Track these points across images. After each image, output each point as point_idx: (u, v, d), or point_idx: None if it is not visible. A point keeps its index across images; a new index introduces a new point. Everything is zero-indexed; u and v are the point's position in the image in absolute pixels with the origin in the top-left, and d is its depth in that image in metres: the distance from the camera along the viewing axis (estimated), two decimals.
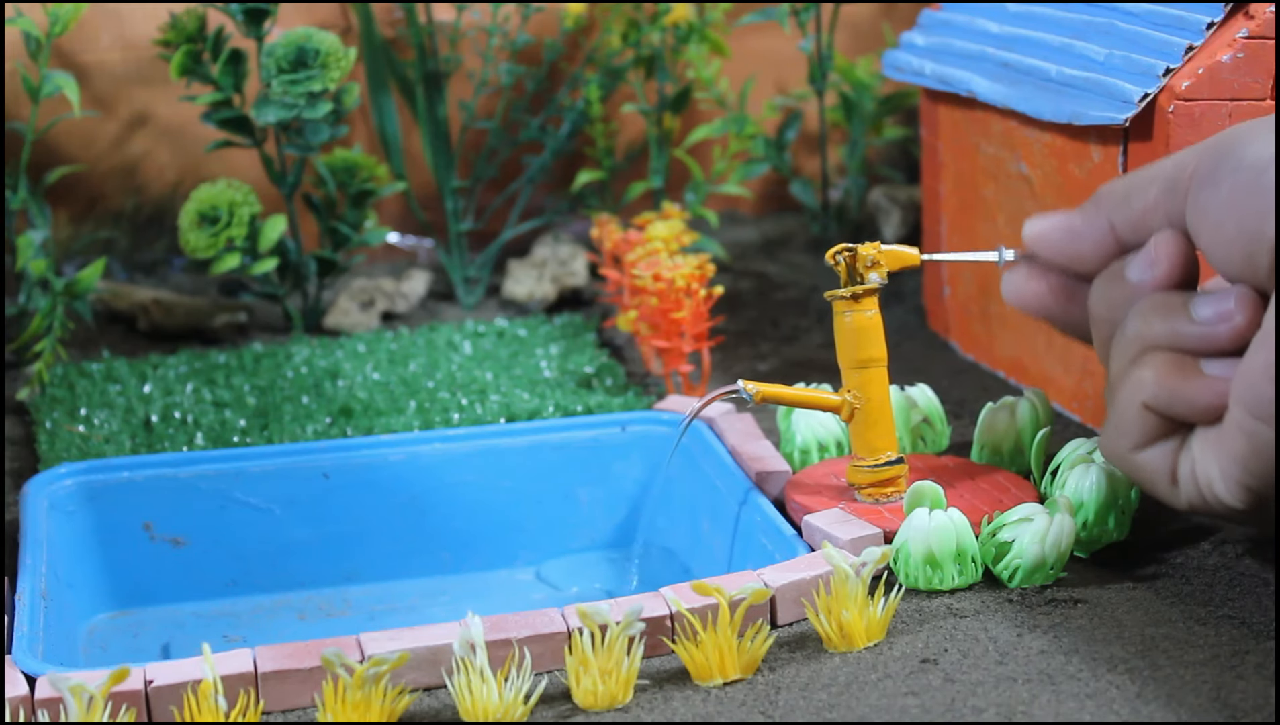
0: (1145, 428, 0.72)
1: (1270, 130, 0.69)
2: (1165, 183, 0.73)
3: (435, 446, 0.92)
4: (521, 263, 1.24)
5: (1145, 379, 0.72)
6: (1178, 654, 0.71)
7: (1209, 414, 0.71)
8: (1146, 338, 0.72)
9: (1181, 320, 0.71)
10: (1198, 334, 0.71)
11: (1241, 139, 0.70)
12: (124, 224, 1.26)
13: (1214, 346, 0.71)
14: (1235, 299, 0.70)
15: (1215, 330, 0.70)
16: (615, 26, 1.23)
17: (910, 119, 1.34)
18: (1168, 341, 0.72)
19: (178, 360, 1.09)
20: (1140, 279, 0.74)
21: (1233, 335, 0.70)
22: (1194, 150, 0.72)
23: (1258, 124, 0.70)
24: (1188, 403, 0.71)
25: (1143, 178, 0.75)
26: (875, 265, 0.81)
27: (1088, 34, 0.93)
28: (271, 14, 1.11)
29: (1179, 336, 0.71)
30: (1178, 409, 0.71)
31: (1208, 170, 0.71)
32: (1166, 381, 0.71)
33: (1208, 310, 0.71)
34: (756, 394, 0.81)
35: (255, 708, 0.69)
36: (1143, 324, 0.72)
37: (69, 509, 0.88)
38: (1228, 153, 0.70)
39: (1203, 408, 0.71)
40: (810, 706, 0.68)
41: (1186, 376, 0.71)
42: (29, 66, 1.12)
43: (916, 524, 0.77)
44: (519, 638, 0.71)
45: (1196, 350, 0.71)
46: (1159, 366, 0.71)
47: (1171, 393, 0.71)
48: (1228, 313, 0.70)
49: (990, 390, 1.01)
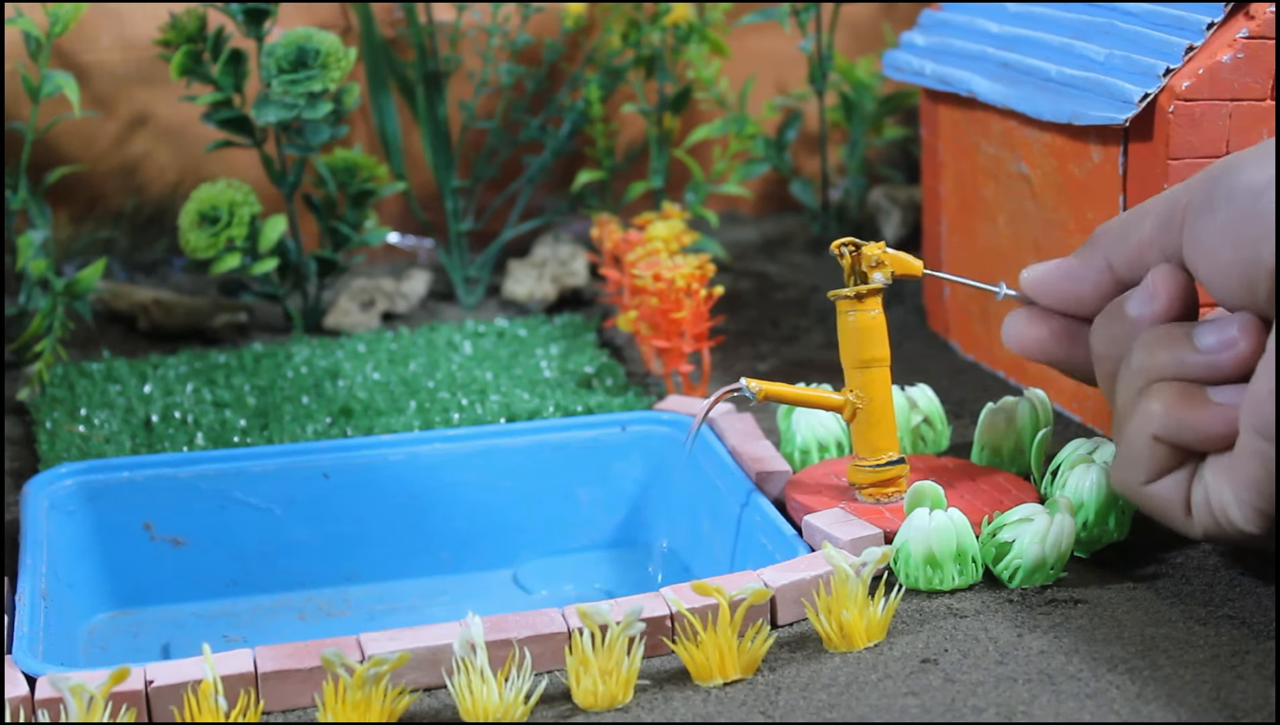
0: (1156, 459, 0.72)
1: (1262, 159, 0.69)
2: (1160, 218, 0.74)
3: (435, 446, 0.92)
4: (522, 263, 1.24)
5: (1153, 410, 0.72)
6: (1178, 654, 0.71)
7: (1219, 442, 0.71)
8: (1152, 370, 0.72)
9: (1186, 350, 0.71)
10: (1203, 362, 0.71)
11: (1233, 168, 0.70)
12: (124, 224, 1.26)
13: (1220, 374, 0.71)
14: (1238, 325, 0.70)
15: (1220, 358, 0.71)
16: (615, 26, 1.23)
17: (910, 119, 1.34)
18: (1173, 372, 0.72)
19: (178, 360, 1.09)
20: (1140, 313, 0.74)
21: (1237, 361, 0.70)
22: (1186, 184, 0.73)
23: (1249, 153, 0.71)
24: (1197, 431, 0.71)
25: (1137, 215, 0.75)
26: (880, 265, 0.81)
27: (1088, 34, 0.93)
28: (271, 14, 1.11)
29: (1184, 366, 0.71)
30: (1187, 438, 0.71)
31: (1201, 201, 0.71)
32: (1175, 412, 0.71)
33: (1211, 338, 0.71)
34: (759, 392, 0.81)
35: (255, 708, 0.69)
36: (1147, 356, 0.72)
37: (69, 509, 0.88)
38: (1220, 182, 0.70)
39: (1212, 435, 0.71)
40: (810, 706, 0.68)
41: (1194, 405, 0.71)
42: (29, 66, 1.12)
43: (917, 524, 0.77)
44: (519, 638, 0.71)
45: (1203, 379, 0.71)
46: (1166, 397, 0.71)
47: (1180, 422, 0.71)
48: (1231, 339, 0.70)
49: (990, 390, 1.01)
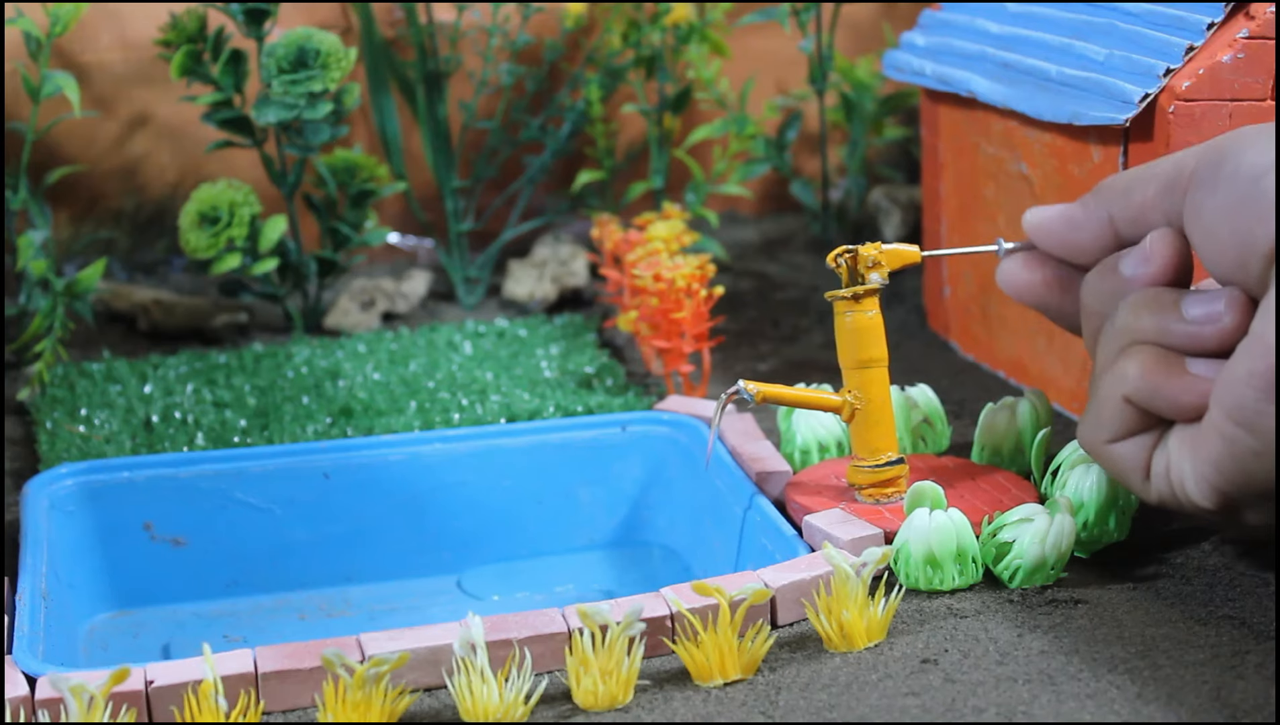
0: (1124, 420, 0.73)
1: (1270, 137, 0.69)
2: (1164, 181, 0.74)
3: (435, 446, 0.92)
4: (522, 263, 1.24)
5: (1129, 372, 0.72)
6: (1178, 654, 0.71)
7: (1189, 412, 0.71)
8: (1135, 331, 0.72)
9: (1171, 317, 0.72)
10: (1186, 332, 0.71)
11: (1240, 144, 0.70)
12: (124, 224, 1.26)
13: (1200, 346, 0.71)
14: (1225, 301, 0.70)
15: (1203, 330, 0.71)
16: (615, 26, 1.23)
17: (910, 119, 1.34)
18: (1155, 337, 0.72)
19: (178, 360, 1.09)
20: (1133, 273, 0.74)
21: (1220, 337, 0.70)
22: (1194, 151, 0.73)
23: (1258, 130, 0.71)
24: (1169, 400, 0.71)
25: (1143, 174, 0.75)
26: (876, 266, 0.81)
27: (1088, 34, 0.93)
28: (272, 14, 1.11)
29: (1167, 333, 0.72)
30: (1158, 405, 0.72)
31: (1206, 173, 0.71)
32: (1150, 377, 0.71)
33: (1197, 310, 0.71)
34: (757, 394, 0.81)
35: (255, 708, 0.69)
36: (1132, 317, 0.73)
37: (69, 509, 0.88)
38: (1226, 157, 0.70)
39: (1183, 406, 0.71)
40: (810, 707, 0.68)
41: (1170, 373, 0.71)
42: (29, 66, 1.12)
43: (917, 524, 0.77)
44: (519, 638, 0.71)
45: (1183, 348, 0.71)
46: (1144, 361, 0.72)
47: (1154, 388, 0.71)
48: (1217, 314, 0.70)
49: (990, 390, 1.01)
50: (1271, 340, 0.66)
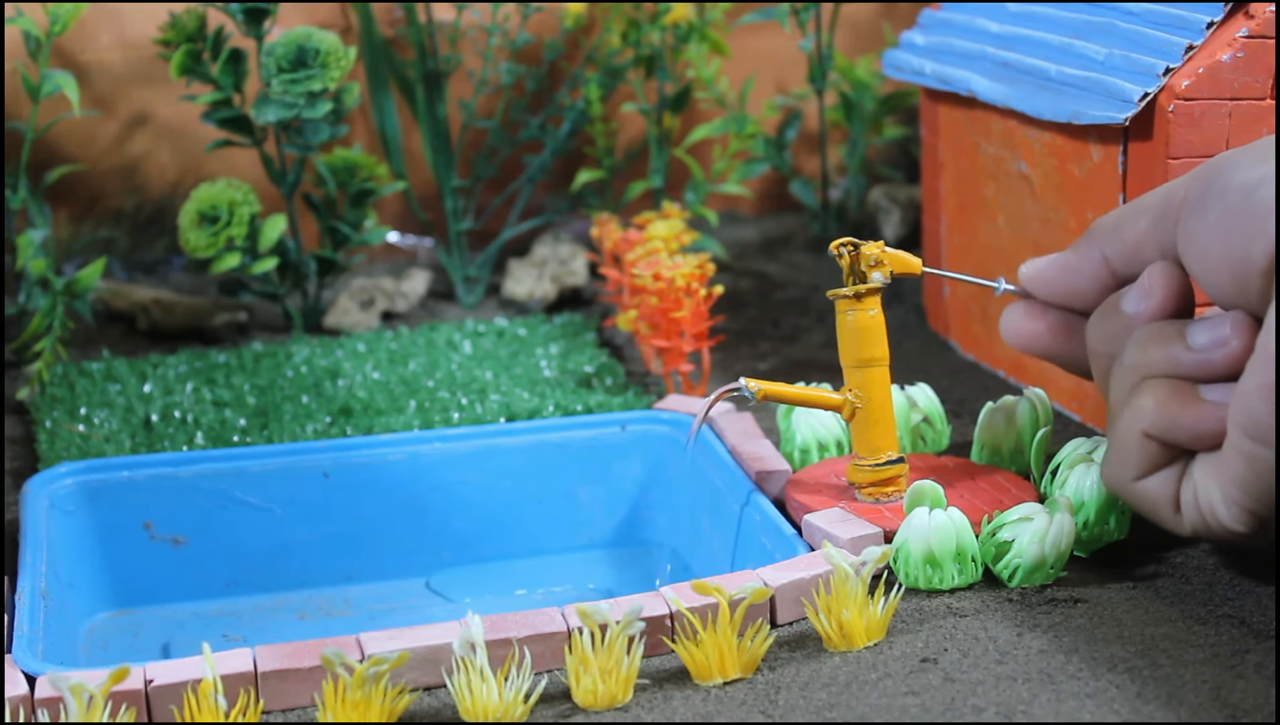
0: (1147, 456, 0.73)
1: (1256, 156, 0.69)
2: (1156, 213, 0.74)
3: (435, 446, 0.92)
4: (521, 262, 1.24)
5: (1145, 407, 0.72)
6: (1178, 654, 0.71)
7: (1209, 440, 0.71)
8: (1144, 367, 0.72)
9: (1178, 348, 0.72)
10: (1195, 361, 0.71)
11: (1227, 165, 0.70)
12: (124, 223, 1.26)
13: (1211, 372, 0.71)
14: (1231, 324, 0.70)
15: (1212, 356, 0.71)
16: (615, 26, 1.23)
17: (910, 119, 1.34)
18: (1166, 369, 0.72)
19: (178, 360, 1.09)
20: (1136, 310, 0.74)
21: (1229, 360, 0.70)
22: (1182, 180, 0.73)
23: (1244, 150, 0.71)
24: (1187, 429, 0.71)
25: (1133, 210, 0.75)
26: (878, 265, 0.81)
27: (1087, 33, 0.93)
28: (271, 13, 1.11)
29: (1177, 364, 0.72)
30: (1178, 436, 0.71)
31: (1195, 198, 0.71)
32: (1166, 409, 0.71)
33: (1204, 337, 0.71)
34: (758, 392, 0.81)
35: (255, 707, 0.69)
36: (1140, 353, 0.73)
37: (69, 508, 0.88)
38: (1215, 179, 0.70)
39: (1203, 433, 0.71)
40: (810, 706, 0.68)
41: (1186, 403, 0.71)
42: (29, 66, 1.12)
43: (916, 523, 0.77)
44: (519, 637, 0.71)
45: (1194, 377, 0.71)
46: (1158, 394, 0.71)
47: (1171, 420, 0.71)
48: (1223, 338, 0.70)
49: (990, 390, 1.01)
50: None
